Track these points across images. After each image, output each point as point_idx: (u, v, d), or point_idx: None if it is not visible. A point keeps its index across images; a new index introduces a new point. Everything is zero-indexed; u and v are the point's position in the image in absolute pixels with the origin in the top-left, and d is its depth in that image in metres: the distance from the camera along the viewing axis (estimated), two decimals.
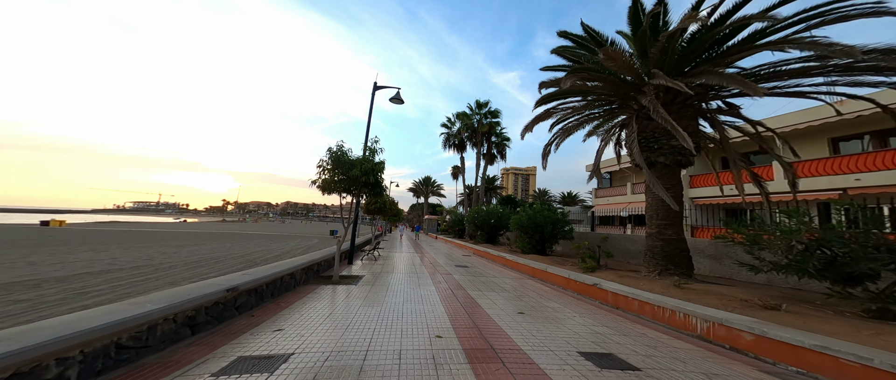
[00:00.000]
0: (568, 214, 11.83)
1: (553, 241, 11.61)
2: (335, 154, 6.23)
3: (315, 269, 6.88)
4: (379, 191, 7.02)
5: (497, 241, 18.35)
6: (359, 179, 6.19)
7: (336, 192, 6.45)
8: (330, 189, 6.32)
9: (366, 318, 4.32)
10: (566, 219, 11.46)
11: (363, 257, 10.99)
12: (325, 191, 6.34)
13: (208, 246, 19.02)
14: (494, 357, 3.14)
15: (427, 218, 50.13)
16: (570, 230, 11.51)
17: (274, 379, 2.56)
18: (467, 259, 12.86)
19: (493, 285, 7.15)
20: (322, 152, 6.86)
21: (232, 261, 12.94)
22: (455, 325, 4.15)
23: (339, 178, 6.25)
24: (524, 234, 12.02)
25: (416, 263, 10.88)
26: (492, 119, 26.26)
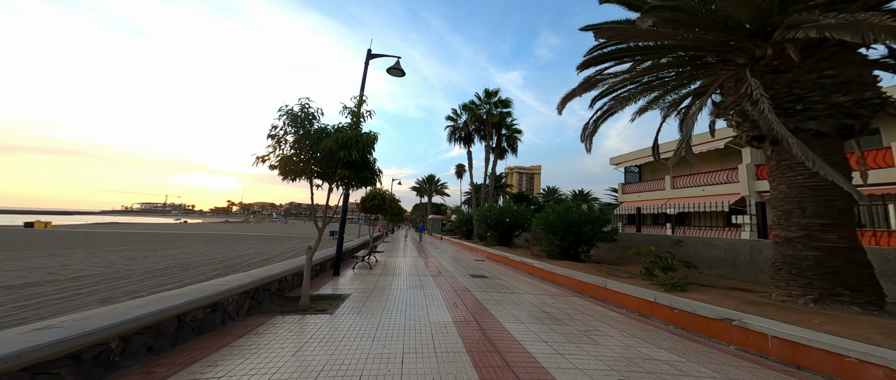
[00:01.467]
0: (609, 211, 9.62)
1: (590, 244, 9.43)
2: (297, 117, 4.13)
3: (275, 288, 4.80)
4: (368, 176, 4.95)
5: (511, 242, 16.22)
6: (335, 156, 4.12)
7: (303, 176, 4.38)
8: (293, 171, 4.25)
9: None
10: (607, 217, 9.28)
11: (356, 265, 8.93)
12: (286, 175, 4.26)
13: (190, 249, 17.24)
14: None
15: (431, 218, 48.09)
16: (612, 231, 9.31)
17: None
18: (481, 265, 10.75)
19: (533, 309, 5.04)
20: None
21: (204, 268, 11.05)
22: None
23: (305, 154, 4.18)
24: (553, 235, 9.88)
25: (421, 271, 8.81)
26: (502, 109, 24.05)
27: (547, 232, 10.14)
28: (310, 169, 4.24)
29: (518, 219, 15.40)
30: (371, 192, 13.66)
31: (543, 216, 10.06)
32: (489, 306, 5.19)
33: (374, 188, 14.41)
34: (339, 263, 7.33)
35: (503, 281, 7.71)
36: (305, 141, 4.11)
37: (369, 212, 13.63)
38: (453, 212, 49.44)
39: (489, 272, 9.17)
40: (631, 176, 17.65)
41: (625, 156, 17.26)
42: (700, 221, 12.87)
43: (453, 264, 10.90)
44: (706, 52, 5.58)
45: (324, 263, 7.46)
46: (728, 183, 11.84)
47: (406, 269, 9.35)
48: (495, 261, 12.12)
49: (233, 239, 26.52)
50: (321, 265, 7.30)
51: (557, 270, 7.26)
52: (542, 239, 11.12)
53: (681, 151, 5.62)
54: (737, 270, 6.82)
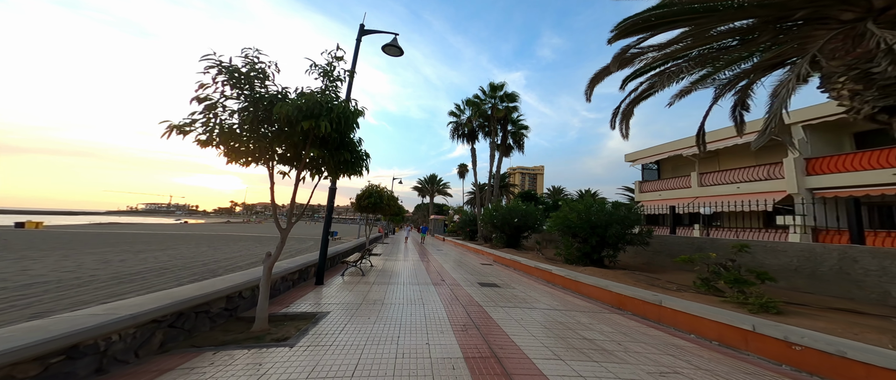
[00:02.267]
0: (640, 210, 8.34)
1: (616, 248, 8.17)
2: (239, 74, 2.90)
3: (221, 308, 3.58)
4: (350, 161, 3.76)
5: (520, 244, 14.99)
6: (298, 129, 2.91)
7: (259, 159, 3.18)
8: (243, 152, 3.03)
9: None
10: (638, 217, 8.00)
11: (346, 272, 7.75)
12: (233, 156, 3.03)
13: (177, 251, 16.20)
14: None
15: (433, 218, 46.90)
16: (646, 233, 8.00)
17: None
18: (489, 271, 9.54)
19: (567, 334, 3.82)
20: None
21: (182, 272, 9.96)
22: None
23: (256, 129, 2.97)
24: (573, 238, 8.64)
25: (421, 279, 7.61)
26: (508, 103, 22.81)
27: (564, 234, 8.91)
28: (264, 147, 3.04)
29: (527, 219, 14.16)
30: (367, 189, 12.50)
31: (561, 216, 8.83)
32: (509, 329, 3.98)
33: (371, 185, 13.27)
34: (322, 270, 6.15)
35: (519, 291, 6.48)
36: (258, 109, 2.92)
37: (365, 211, 12.46)
38: (456, 212, 48.23)
39: (500, 279, 7.95)
40: (648, 173, 16.32)
41: (642, 152, 15.98)
42: (733, 222, 11.53)
43: (458, 269, 9.68)
44: (791, 12, 4.33)
45: (305, 271, 6.29)
46: (769, 179, 10.47)
47: (404, 275, 8.16)
48: (504, 265, 10.88)
49: (227, 240, 25.53)
50: (302, 273, 6.13)
51: (584, 279, 6.03)
52: (557, 241, 9.91)
53: (770, 130, 4.35)
54: (817, 283, 5.47)
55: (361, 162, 3.93)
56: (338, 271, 7.78)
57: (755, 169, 10.85)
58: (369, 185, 12.53)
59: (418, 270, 9.14)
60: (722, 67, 5.75)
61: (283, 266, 5.49)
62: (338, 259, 9.06)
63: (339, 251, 9.28)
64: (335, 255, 8.82)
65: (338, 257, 9.09)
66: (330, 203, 6.32)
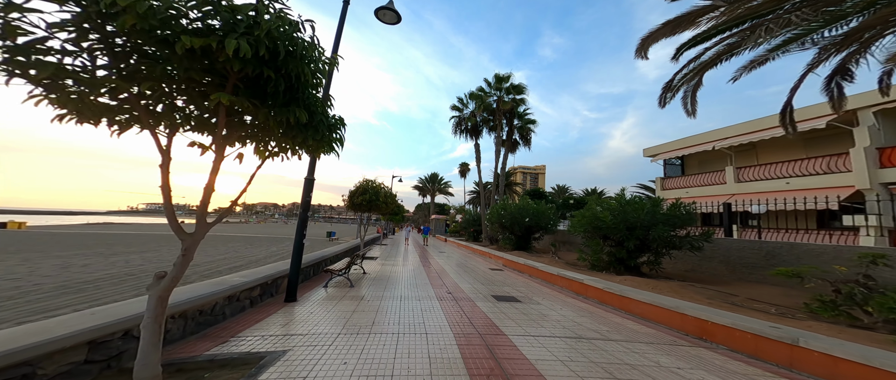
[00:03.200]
0: (692, 207, 6.89)
1: (658, 253, 6.76)
2: None
3: (86, 359, 2.17)
4: (316, 128, 2.40)
5: (531, 247, 13.62)
6: (178, 49, 1.52)
7: (106, 115, 1.80)
8: (62, 97, 1.62)
9: None
10: (690, 216, 6.52)
11: (331, 282, 6.38)
12: (73, 106, 1.66)
13: (157, 253, 14.91)
14: None
15: (434, 218, 45.54)
16: (703, 236, 6.56)
17: None
18: (501, 278, 8.16)
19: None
20: None
21: (147, 280, 8.66)
22: None
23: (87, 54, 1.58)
24: (603, 241, 7.27)
25: (422, 291, 6.23)
26: (515, 95, 21.41)
27: (592, 236, 7.54)
28: (121, 89, 1.64)
29: (540, 219, 12.77)
30: (361, 184, 11.13)
31: (588, 215, 7.43)
32: None
33: (366, 180, 11.90)
34: (295, 283, 4.75)
35: (548, 309, 5.10)
36: (98, 19, 1.51)
37: (359, 209, 11.10)
38: (458, 212, 46.84)
39: (517, 290, 6.57)
40: (671, 169, 14.89)
41: (663, 146, 14.57)
42: (775, 222, 10.02)
43: (464, 276, 8.30)
44: None
45: (271, 284, 4.91)
46: (831, 173, 8.98)
47: (402, 285, 6.78)
48: (517, 271, 9.50)
49: (218, 240, 24.27)
50: (266, 287, 4.74)
51: (634, 294, 4.65)
52: (576, 243, 8.56)
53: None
54: None
55: (329, 130, 2.55)
56: (320, 282, 6.40)
57: (809, 162, 9.41)
58: (364, 180, 11.18)
59: (419, 278, 7.76)
60: (819, 27, 4.33)
61: (233, 281, 4.06)
62: (324, 265, 7.70)
63: (326, 256, 7.90)
64: (320, 261, 7.45)
65: (323, 263, 7.72)
66: (305, 198, 4.95)
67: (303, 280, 6.28)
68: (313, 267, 7.00)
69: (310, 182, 4.90)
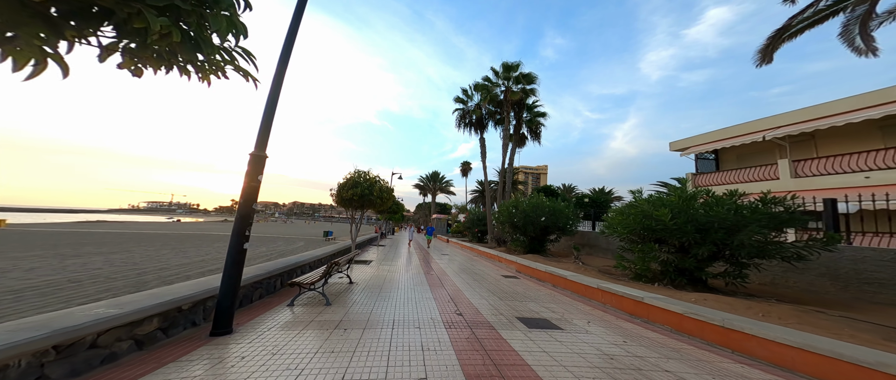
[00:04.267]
0: (795, 203, 5.15)
1: (738, 263, 5.08)
2: None
3: None
4: None
5: (545, 250, 12.05)
6: None
7: None
8: None
9: None
10: (795, 215, 4.79)
11: (297, 299, 4.81)
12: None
13: (129, 255, 13.41)
14: None
15: (435, 217, 43.97)
16: (821, 241, 4.68)
17: None
18: (519, 288, 6.59)
19: None
20: None
21: (113, 283, 7.24)
22: None
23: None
24: (658, 246, 5.67)
25: (423, 310, 4.66)
26: (525, 85, 19.80)
27: (639, 240, 5.96)
28: None
29: (557, 218, 11.18)
30: (351, 177, 9.56)
31: (634, 213, 5.83)
32: None
33: (357, 172, 10.31)
34: (230, 307, 3.16)
35: (607, 344, 3.50)
36: None
37: (349, 206, 9.53)
38: (460, 211, 45.26)
39: (547, 308, 4.99)
40: (704, 164, 13.26)
41: (694, 139, 12.92)
42: (867, 225, 8.16)
43: (475, 286, 6.73)
44: None
45: (193, 309, 3.31)
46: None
47: (396, 302, 5.21)
48: (537, 280, 7.93)
49: (209, 240, 22.82)
50: (188, 313, 3.16)
51: (756, 329, 3.07)
52: (601, 247, 7.00)
53: None
54: None
55: None
56: (284, 299, 4.83)
57: (893, 153, 7.75)
58: (356, 171, 9.59)
59: (419, 290, 6.20)
60: None
61: (74, 319, 2.44)
62: (298, 273, 6.13)
63: (301, 263, 6.31)
64: (293, 267, 5.88)
65: (297, 271, 6.15)
66: (250, 184, 3.39)
67: (261, 296, 4.72)
68: (281, 277, 5.44)
69: (258, 160, 3.35)
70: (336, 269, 4.76)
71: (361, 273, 8.03)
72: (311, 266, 6.92)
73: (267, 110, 3.47)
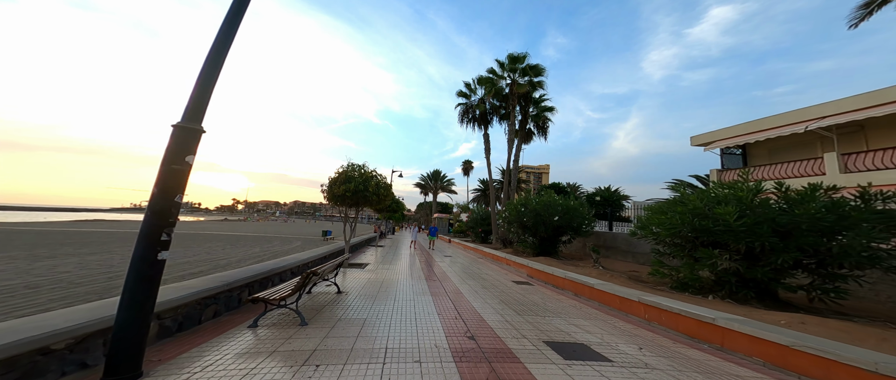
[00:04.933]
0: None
1: (833, 276, 4.00)
2: None
3: None
4: None
5: (557, 251, 11.05)
6: None
7: None
8: None
9: None
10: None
11: (264, 319, 3.80)
12: None
13: (103, 257, 12.50)
14: None
15: (437, 216, 43.00)
16: None
17: None
18: (535, 296, 5.59)
19: None
20: None
21: (22, 301, 6.27)
22: None
23: None
24: (718, 251, 4.62)
25: (424, 330, 3.66)
26: (532, 77, 18.77)
27: (691, 244, 4.95)
28: None
29: (572, 217, 10.17)
30: (345, 171, 8.56)
31: (682, 211, 4.82)
32: None
33: (351, 165, 9.29)
34: (136, 339, 2.13)
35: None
36: None
37: (342, 203, 8.53)
38: (462, 210, 44.26)
39: (579, 327, 4.00)
40: (731, 160, 12.19)
41: (719, 132, 11.84)
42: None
43: (485, 296, 5.73)
44: None
45: (60, 351, 2.24)
46: None
47: (390, 322, 4.19)
48: (553, 287, 6.93)
49: (201, 239, 21.93)
50: (50, 359, 2.15)
51: None
52: (624, 251, 6.00)
53: None
54: None
55: None
56: (249, 317, 3.82)
57: None
58: (349, 164, 8.58)
59: (419, 301, 5.20)
60: None
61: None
62: (272, 283, 5.13)
63: (276, 270, 5.29)
64: (261, 278, 4.87)
65: (270, 282, 5.14)
66: (169, 168, 2.39)
67: (217, 314, 3.73)
68: (249, 288, 4.44)
69: (186, 135, 2.35)
70: (314, 280, 3.76)
71: (354, 279, 7.05)
72: (294, 272, 5.93)
73: (207, 68, 2.49)
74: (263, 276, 4.73)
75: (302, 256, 6.99)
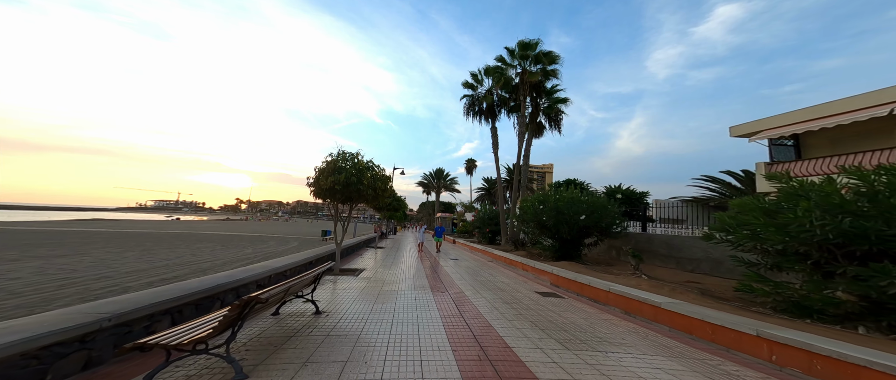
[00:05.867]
0: None
1: None
2: None
3: None
4: None
5: (580, 255, 9.63)
6: None
7: None
8: None
9: None
10: None
11: (165, 368, 2.42)
12: None
13: (73, 260, 11.32)
14: None
15: (440, 216, 41.64)
16: None
17: None
18: (575, 317, 4.19)
19: None
20: None
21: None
22: None
23: None
24: None
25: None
26: (545, 65, 17.28)
27: (833, 254, 3.51)
28: None
29: (602, 216, 8.72)
30: (333, 161, 7.15)
31: (813, 206, 3.37)
32: None
33: (342, 152, 7.85)
34: None
35: None
36: None
37: (333, 198, 7.15)
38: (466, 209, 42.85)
39: (676, 376, 2.62)
40: (782, 152, 10.62)
41: (765, 121, 10.25)
42: None
43: (512, 319, 4.29)
44: None
45: None
46: None
47: (381, 361, 2.84)
48: (591, 300, 5.53)
49: (192, 240, 20.85)
50: None
51: None
52: (749, 265, 4.57)
53: None
54: None
55: None
56: (134, 373, 2.45)
57: None
58: (340, 152, 7.21)
59: (425, 325, 3.83)
60: None
61: None
62: (215, 306, 3.77)
63: (222, 286, 3.89)
64: (196, 298, 3.50)
65: (214, 301, 3.77)
66: None
67: (87, 367, 2.35)
68: (171, 313, 3.08)
69: None
70: (255, 308, 2.39)
71: (344, 291, 5.70)
72: (262, 285, 4.55)
73: None
74: (203, 295, 3.37)
75: (274, 264, 5.55)
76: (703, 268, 8.41)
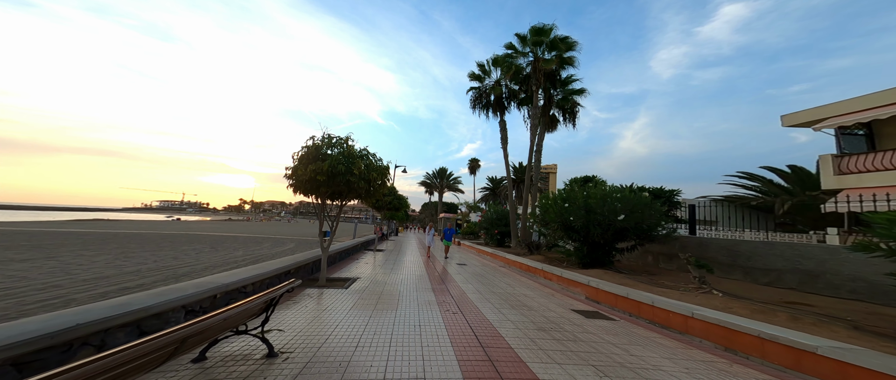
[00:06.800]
0: None
1: None
2: None
3: None
4: None
5: (611, 262, 8.16)
6: None
7: None
8: None
9: None
10: None
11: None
12: None
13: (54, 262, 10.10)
14: None
15: (443, 216, 40.20)
16: None
17: None
18: (655, 358, 2.75)
19: None
20: None
21: None
22: None
23: None
24: None
25: None
26: (561, 52, 15.81)
27: None
28: None
29: (643, 215, 7.23)
30: (314, 146, 5.68)
31: None
32: None
33: (328, 136, 6.15)
34: None
35: None
36: None
37: (316, 193, 5.76)
38: (471, 209, 41.36)
39: None
40: (852, 142, 9.04)
41: (829, 108, 8.65)
42: None
43: (562, 360, 2.83)
44: None
45: None
46: None
47: None
48: (660, 326, 4.09)
49: (183, 241, 19.63)
50: None
51: None
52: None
53: None
54: None
55: None
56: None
57: None
58: (325, 135, 5.80)
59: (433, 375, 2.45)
60: None
61: None
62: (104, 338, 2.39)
63: (117, 317, 2.50)
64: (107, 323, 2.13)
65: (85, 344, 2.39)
66: None
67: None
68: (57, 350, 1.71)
69: None
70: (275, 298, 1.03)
71: (326, 311, 4.30)
72: (192, 311, 3.15)
73: None
74: (89, 329, 1.99)
75: (222, 278, 3.97)
76: (787, 281, 6.82)
